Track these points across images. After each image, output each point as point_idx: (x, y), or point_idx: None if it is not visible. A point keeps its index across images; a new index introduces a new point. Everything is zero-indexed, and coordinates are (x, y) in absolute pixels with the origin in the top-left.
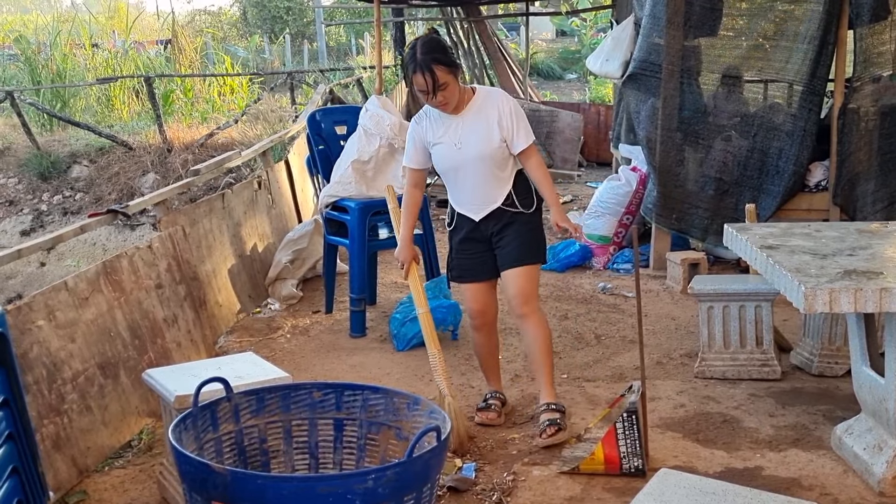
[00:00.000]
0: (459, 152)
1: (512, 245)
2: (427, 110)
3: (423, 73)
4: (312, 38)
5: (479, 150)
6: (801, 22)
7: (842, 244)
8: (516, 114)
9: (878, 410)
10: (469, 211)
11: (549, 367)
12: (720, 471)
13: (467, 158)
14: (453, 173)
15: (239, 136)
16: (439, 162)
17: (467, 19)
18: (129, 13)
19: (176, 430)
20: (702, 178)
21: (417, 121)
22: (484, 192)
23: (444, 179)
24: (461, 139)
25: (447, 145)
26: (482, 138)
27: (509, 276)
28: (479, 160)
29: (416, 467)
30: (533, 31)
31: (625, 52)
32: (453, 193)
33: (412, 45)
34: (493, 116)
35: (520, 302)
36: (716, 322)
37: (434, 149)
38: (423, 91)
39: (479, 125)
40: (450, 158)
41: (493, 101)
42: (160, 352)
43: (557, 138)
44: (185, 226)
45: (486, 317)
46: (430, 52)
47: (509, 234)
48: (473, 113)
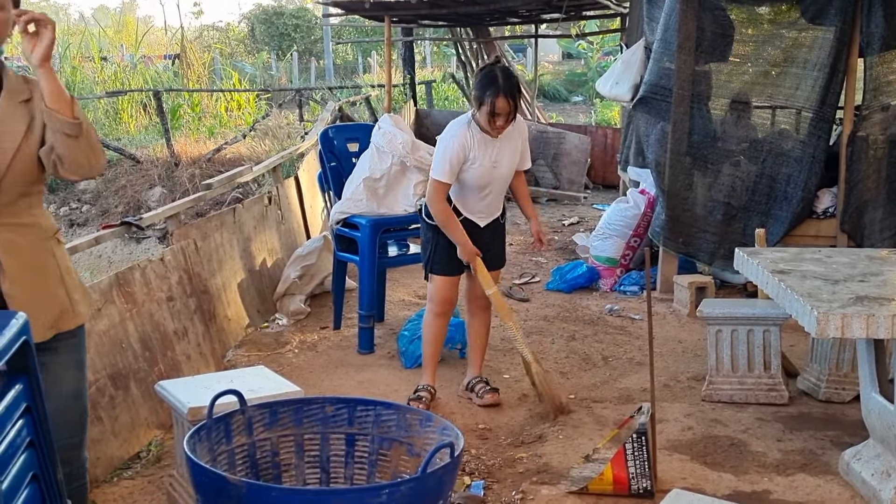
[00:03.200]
0: (495, 171)
1: (497, 250)
2: (471, 131)
3: (507, 98)
4: (320, 55)
5: (508, 170)
6: (811, 49)
7: (853, 270)
8: (527, 139)
9: (887, 437)
10: (478, 218)
11: (486, 350)
12: (728, 494)
13: (498, 177)
14: (481, 189)
15: (247, 152)
16: (474, 179)
17: (476, 40)
18: (138, 27)
19: (191, 442)
20: (710, 203)
21: (462, 140)
22: (495, 205)
23: (462, 190)
24: (497, 160)
25: (485, 165)
26: (511, 160)
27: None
28: (506, 178)
29: (430, 483)
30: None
31: (635, 75)
32: (468, 203)
33: (490, 70)
34: (517, 140)
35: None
36: (724, 346)
37: (472, 167)
38: (502, 114)
39: (511, 148)
40: (485, 177)
41: (519, 127)
42: (170, 364)
43: (564, 160)
44: (196, 239)
45: (453, 305)
46: (511, 80)
47: (497, 240)
48: (507, 136)
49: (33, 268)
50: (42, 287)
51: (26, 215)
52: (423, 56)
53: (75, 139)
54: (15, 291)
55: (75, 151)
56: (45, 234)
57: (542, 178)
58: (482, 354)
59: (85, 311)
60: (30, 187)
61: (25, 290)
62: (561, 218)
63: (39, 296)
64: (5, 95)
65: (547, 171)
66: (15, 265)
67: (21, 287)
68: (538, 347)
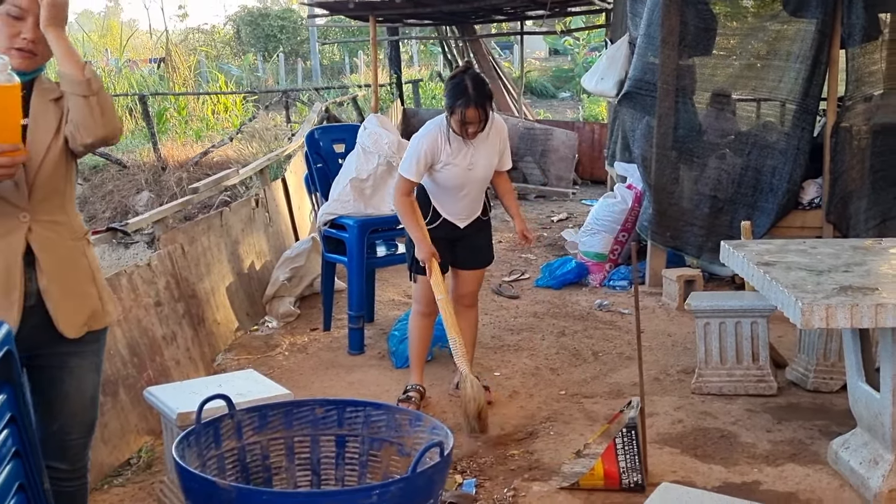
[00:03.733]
0: (470, 173)
1: (482, 249)
2: (444, 132)
3: (477, 108)
4: (306, 56)
5: (485, 172)
6: (793, 41)
7: (837, 261)
8: (506, 139)
9: (874, 425)
10: (457, 219)
11: (474, 347)
12: (718, 485)
13: (474, 178)
14: (457, 190)
15: (234, 155)
16: (447, 180)
17: (462, 38)
18: (123, 31)
19: (179, 447)
20: (697, 196)
21: (433, 141)
22: (474, 205)
23: (438, 191)
24: (473, 162)
25: (460, 167)
26: (489, 162)
27: (474, 274)
28: (483, 180)
29: (420, 483)
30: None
31: (620, 70)
32: (445, 204)
33: (460, 79)
34: (496, 142)
35: (475, 296)
36: (712, 338)
37: (445, 168)
38: (472, 123)
39: (488, 150)
40: (460, 178)
41: (498, 128)
42: (159, 369)
43: (552, 156)
44: (183, 244)
45: (436, 305)
46: (481, 88)
47: (481, 239)
48: (483, 138)
49: (68, 266)
50: (76, 285)
51: (60, 214)
52: (410, 55)
53: (86, 99)
54: (52, 288)
55: (87, 113)
56: (77, 233)
57: (531, 174)
58: (471, 353)
59: (113, 312)
60: (62, 185)
61: (61, 287)
62: (549, 214)
63: (74, 293)
64: (37, 94)
65: (535, 168)
66: (51, 262)
67: (57, 284)
68: (528, 344)
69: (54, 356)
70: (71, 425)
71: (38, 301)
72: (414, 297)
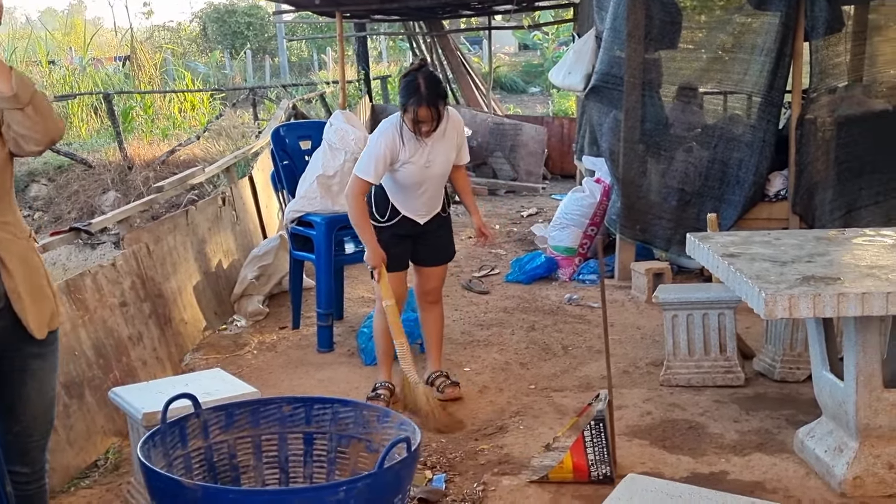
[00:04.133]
0: (428, 170)
1: (443, 245)
2: (400, 130)
3: (429, 107)
4: (274, 53)
5: (443, 168)
6: (758, 34)
7: (800, 251)
8: (464, 134)
9: (839, 413)
10: (416, 216)
11: (442, 343)
12: (686, 476)
13: (433, 175)
14: (415, 187)
15: (201, 153)
16: (406, 178)
17: (430, 34)
18: (87, 29)
19: (144, 448)
20: (664, 189)
21: (391, 140)
22: (433, 201)
23: (396, 188)
24: (430, 159)
25: (417, 165)
26: (447, 159)
27: (436, 270)
28: (441, 176)
29: (388, 478)
30: (495, 45)
31: (587, 65)
32: (404, 202)
33: (413, 77)
34: (453, 138)
35: (438, 293)
36: (680, 330)
37: (402, 167)
38: (425, 122)
39: (445, 147)
40: (418, 176)
41: (454, 123)
42: (125, 370)
43: (521, 151)
44: (149, 243)
45: (402, 301)
46: (434, 88)
47: (442, 235)
48: (440, 135)
49: (28, 265)
50: (37, 285)
51: (9, 214)
52: (379, 51)
53: (21, 111)
54: (20, 289)
55: (27, 125)
56: (25, 233)
57: (500, 169)
58: (439, 348)
59: (63, 312)
60: (8, 186)
61: (26, 287)
62: (519, 209)
63: (37, 293)
64: None
65: (504, 163)
66: (14, 262)
67: (22, 284)
68: (498, 339)
69: (18, 358)
70: (33, 427)
71: (6, 303)
72: (377, 295)
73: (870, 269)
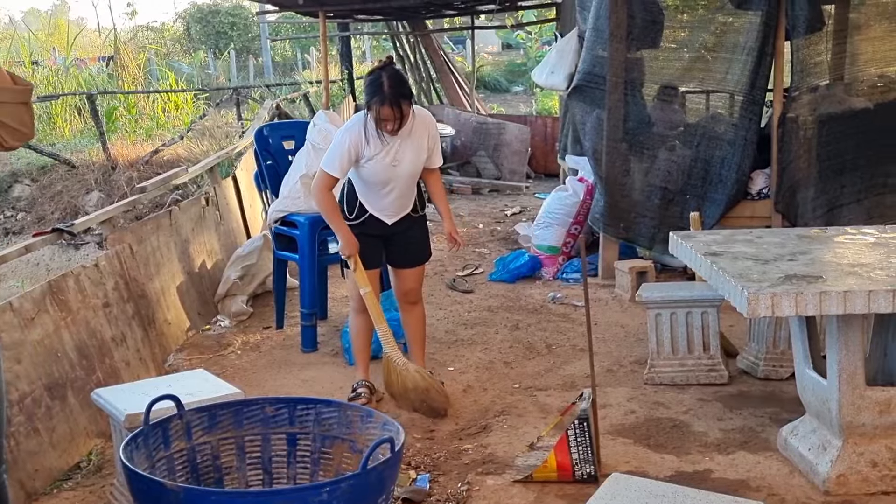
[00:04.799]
0: (394, 169)
1: (416, 246)
2: (366, 126)
3: (391, 107)
4: (258, 53)
5: (412, 168)
6: (740, 33)
7: (783, 250)
8: (437, 136)
9: (822, 411)
10: (384, 216)
11: (425, 342)
12: (670, 475)
13: (400, 174)
14: (381, 185)
15: (185, 153)
16: (371, 175)
17: (413, 33)
18: (70, 30)
19: (127, 449)
20: (647, 188)
21: (356, 135)
22: (402, 201)
23: (364, 186)
24: (397, 157)
25: (383, 162)
26: (415, 158)
27: (412, 272)
28: (410, 176)
29: (371, 479)
30: (479, 45)
31: (569, 64)
32: (371, 200)
33: (377, 75)
34: (423, 137)
35: (417, 293)
36: (664, 329)
37: (368, 164)
38: (388, 120)
39: (414, 145)
40: (383, 173)
41: (424, 123)
42: (109, 371)
43: (505, 150)
44: (132, 244)
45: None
46: (398, 87)
47: (413, 236)
48: (408, 134)
49: None
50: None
51: None
52: (363, 51)
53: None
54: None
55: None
56: None
57: (484, 168)
58: (422, 347)
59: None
60: None
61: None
62: (503, 208)
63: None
64: None
65: (488, 162)
66: None
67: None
68: (482, 338)
69: None
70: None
71: None
72: (349, 295)
73: (852, 268)
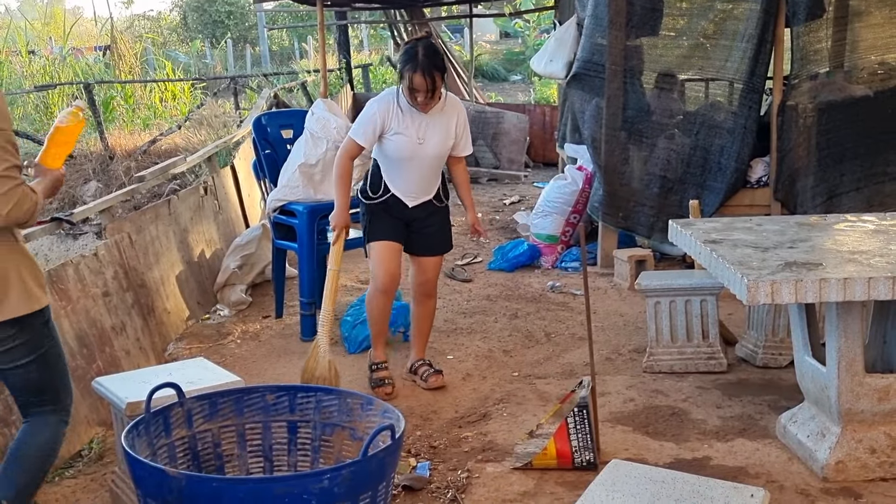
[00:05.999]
0: (420, 147)
1: (436, 235)
2: (396, 99)
3: (424, 75)
4: (255, 42)
5: (438, 148)
6: (739, 21)
7: (782, 237)
8: (466, 123)
9: (821, 398)
10: (405, 196)
11: (429, 335)
12: (669, 462)
13: (425, 154)
14: (406, 163)
15: (183, 143)
16: (396, 151)
17: (411, 21)
18: (67, 19)
19: (129, 437)
20: (646, 177)
21: (385, 106)
22: (425, 184)
23: (388, 163)
24: (424, 136)
25: (409, 138)
26: (443, 139)
27: (429, 261)
28: (434, 157)
29: (371, 466)
30: (477, 33)
31: (568, 52)
32: (395, 178)
33: (413, 45)
34: (452, 121)
35: (433, 284)
36: (663, 317)
37: (394, 137)
38: (420, 91)
39: (442, 126)
40: (408, 150)
41: (455, 107)
42: (109, 360)
43: (504, 139)
44: (131, 233)
45: (396, 281)
46: (432, 57)
47: (433, 224)
48: (439, 114)
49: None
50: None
51: None
52: (361, 40)
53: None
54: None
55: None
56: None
57: (482, 157)
58: (426, 339)
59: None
60: None
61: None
62: (502, 197)
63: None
64: None
65: (487, 151)
66: None
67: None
68: (481, 327)
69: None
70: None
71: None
72: (372, 273)
73: (851, 255)
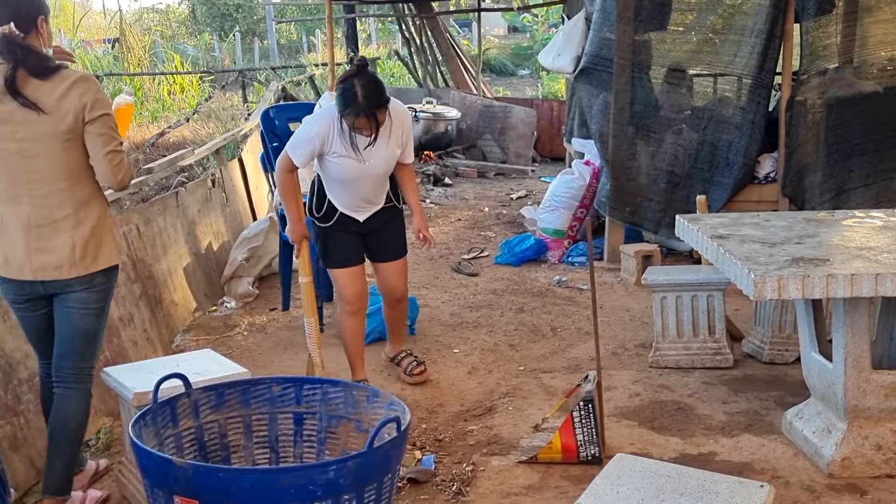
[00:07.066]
0: (365, 167)
1: (393, 240)
2: (336, 122)
3: (367, 118)
4: (263, 35)
5: (384, 166)
6: (748, 16)
7: (790, 233)
8: (410, 130)
9: (827, 395)
10: (354, 212)
11: (404, 328)
12: (675, 457)
13: (371, 172)
14: (352, 183)
15: (191, 135)
16: (340, 173)
17: (419, 15)
18: (76, 12)
19: (136, 427)
20: (654, 172)
21: (325, 129)
22: (372, 197)
23: (331, 183)
24: (370, 155)
25: (354, 159)
26: (389, 156)
27: (394, 266)
28: (382, 175)
29: (377, 458)
30: (485, 28)
31: (576, 46)
32: (340, 197)
33: (349, 83)
34: (397, 133)
35: (403, 288)
36: (669, 312)
37: (337, 159)
38: (364, 129)
39: (387, 142)
40: (354, 171)
41: (399, 119)
42: (116, 351)
43: (511, 134)
44: (139, 224)
45: (364, 299)
46: (373, 96)
47: (389, 229)
48: (383, 132)
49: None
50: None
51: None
52: (368, 33)
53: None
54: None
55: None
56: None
57: (490, 152)
58: (402, 331)
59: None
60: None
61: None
62: (509, 192)
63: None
64: None
65: (494, 146)
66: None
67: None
68: (487, 321)
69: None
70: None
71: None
72: (338, 295)
73: (859, 251)
